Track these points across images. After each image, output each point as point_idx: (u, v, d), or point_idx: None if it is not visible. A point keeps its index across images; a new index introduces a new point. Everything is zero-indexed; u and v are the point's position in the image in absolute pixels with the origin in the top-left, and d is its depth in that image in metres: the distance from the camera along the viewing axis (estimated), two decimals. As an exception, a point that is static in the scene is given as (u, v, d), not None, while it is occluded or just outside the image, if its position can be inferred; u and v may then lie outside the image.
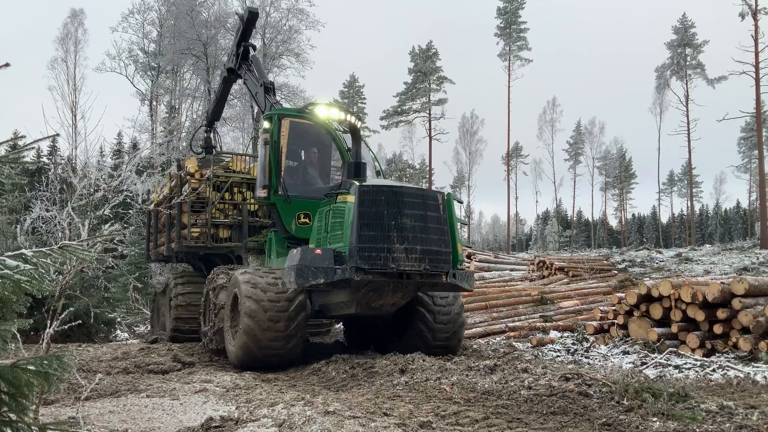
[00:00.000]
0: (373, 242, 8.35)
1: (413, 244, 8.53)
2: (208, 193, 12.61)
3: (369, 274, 8.29)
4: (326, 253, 8.41)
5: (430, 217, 8.81)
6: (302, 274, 8.28)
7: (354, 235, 8.31)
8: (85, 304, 12.25)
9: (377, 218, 8.45)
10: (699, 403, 5.39)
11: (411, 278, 8.60)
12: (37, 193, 16.44)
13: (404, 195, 8.73)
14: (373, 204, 8.50)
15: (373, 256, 8.30)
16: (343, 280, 8.28)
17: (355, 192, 8.51)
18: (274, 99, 12.12)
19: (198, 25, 38.95)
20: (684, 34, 61.34)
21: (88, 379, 7.02)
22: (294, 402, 5.88)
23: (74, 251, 3.47)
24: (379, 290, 8.75)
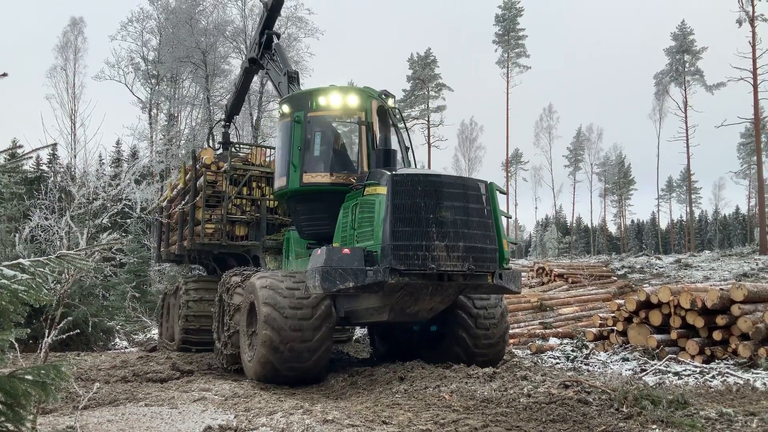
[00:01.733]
0: (410, 239, 7.40)
1: (455, 241, 7.53)
2: (225, 187, 11.81)
3: (405, 275, 7.36)
4: (355, 253, 7.48)
5: (473, 209, 7.81)
6: (328, 278, 7.34)
7: (387, 231, 7.40)
8: (84, 312, 12.24)
9: (413, 212, 7.49)
10: (698, 410, 5.38)
11: (453, 280, 7.64)
12: (36, 202, 16.47)
13: (443, 185, 7.71)
14: (408, 195, 7.55)
15: (409, 256, 7.35)
16: (376, 283, 7.34)
17: (387, 182, 7.60)
18: (298, 88, 11.24)
19: (197, 33, 39.01)
20: (683, 40, 61.50)
21: (87, 388, 7.01)
22: (293, 410, 5.86)
23: (72, 260, 3.48)
24: (416, 294, 7.79)
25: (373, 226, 7.65)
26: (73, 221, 9.78)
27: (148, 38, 43.65)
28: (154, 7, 43.28)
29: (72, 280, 7.18)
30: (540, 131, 75.95)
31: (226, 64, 41.49)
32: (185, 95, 43.72)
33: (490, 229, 7.92)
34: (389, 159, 8.60)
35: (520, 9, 64.76)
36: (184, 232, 12.62)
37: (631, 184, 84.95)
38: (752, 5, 41.33)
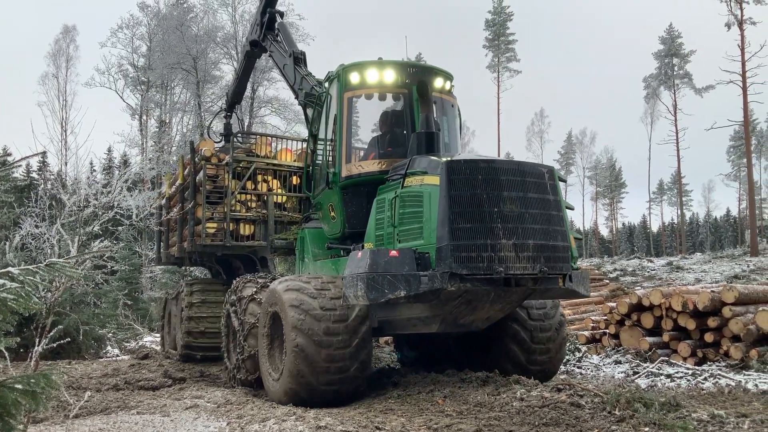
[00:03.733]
0: (472, 238, 6.19)
1: (523, 238, 6.36)
2: (227, 181, 10.77)
3: (467, 281, 6.17)
4: (405, 256, 6.29)
5: (541, 200, 6.62)
6: (375, 286, 6.17)
7: (445, 228, 6.19)
8: (75, 320, 12.17)
9: (474, 205, 6.28)
10: (690, 413, 5.39)
11: (520, 285, 6.48)
12: (26, 210, 16.39)
13: (507, 172, 6.52)
14: (467, 185, 6.33)
15: (472, 257, 6.16)
16: (431, 291, 6.18)
17: (441, 170, 6.38)
18: (306, 70, 10.24)
19: (188, 39, 38.96)
20: (671, 44, 61.86)
21: (78, 397, 6.97)
22: (285, 417, 5.84)
23: (62, 269, 3.46)
24: (475, 302, 6.74)
25: (422, 223, 6.49)
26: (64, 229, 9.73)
27: (138, 45, 43.68)
28: (144, 13, 43.31)
29: (63, 288, 7.14)
30: (532, 136, 76.29)
31: (217, 70, 41.47)
32: (176, 102, 43.71)
33: (561, 222, 6.72)
34: (432, 143, 7.39)
35: (510, 14, 65.01)
36: (183, 233, 11.75)
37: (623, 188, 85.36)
38: (741, 9, 41.67)
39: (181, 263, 13.67)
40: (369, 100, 8.44)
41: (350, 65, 8.14)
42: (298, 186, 11.15)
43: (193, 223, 11.14)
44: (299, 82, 9.94)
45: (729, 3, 42.17)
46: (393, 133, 8.28)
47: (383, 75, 8.02)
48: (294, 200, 11.29)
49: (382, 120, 8.38)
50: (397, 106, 8.43)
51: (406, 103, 8.15)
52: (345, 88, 8.05)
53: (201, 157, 11.18)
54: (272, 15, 11.53)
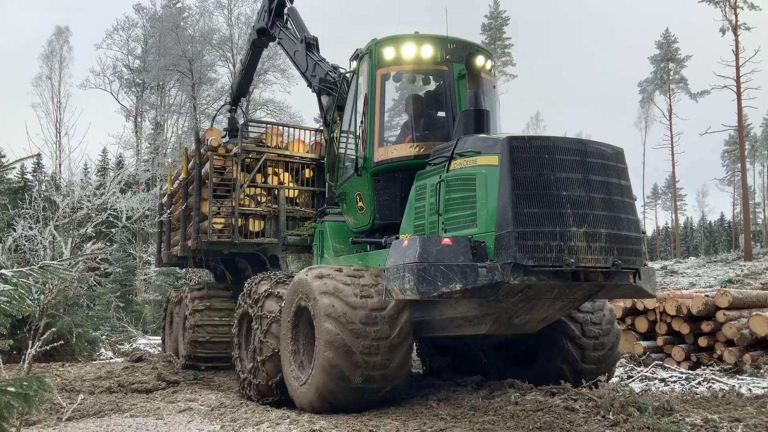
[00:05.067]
0: (539, 224, 5.48)
1: (595, 227, 5.63)
2: (236, 173, 10.00)
3: (532, 274, 5.47)
4: (460, 244, 5.58)
5: (613, 185, 5.89)
6: (427, 278, 5.46)
7: (507, 213, 5.47)
8: (68, 323, 12.11)
9: (541, 187, 5.58)
10: (684, 417, 5.41)
11: (589, 279, 5.74)
12: (20, 211, 16.35)
13: (577, 151, 5.83)
14: (533, 165, 5.63)
15: (539, 247, 5.44)
16: (490, 285, 5.46)
17: (503, 148, 5.67)
18: (319, 56, 9.66)
19: (183, 41, 38.99)
20: (667, 49, 62.08)
21: (71, 400, 6.94)
22: (279, 420, 5.83)
23: (55, 271, 3.45)
24: (535, 299, 6.00)
25: (475, 209, 5.79)
26: (58, 231, 9.70)
27: (133, 47, 43.64)
28: (139, 15, 43.29)
29: (56, 290, 7.11)
30: (526, 139, 76.26)
31: (213, 72, 41.53)
32: (171, 103, 43.68)
33: (632, 211, 6.01)
34: (481, 122, 6.61)
35: (506, 18, 65.12)
36: (187, 230, 11.04)
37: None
38: (735, 14, 41.85)
39: (183, 264, 12.94)
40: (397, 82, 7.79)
41: (384, 39, 7.42)
42: (311, 179, 10.75)
43: (198, 219, 10.41)
44: (312, 69, 9.46)
45: (724, 8, 42.38)
46: (429, 114, 7.64)
47: (421, 50, 7.29)
48: (306, 195, 10.65)
49: (415, 101, 7.63)
50: (430, 86, 7.79)
51: (446, 81, 7.41)
52: (378, 65, 7.34)
53: (207, 147, 10.46)
54: (281, 0, 10.91)
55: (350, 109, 7.79)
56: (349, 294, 6.05)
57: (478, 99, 6.71)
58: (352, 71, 7.86)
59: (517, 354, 7.78)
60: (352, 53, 7.94)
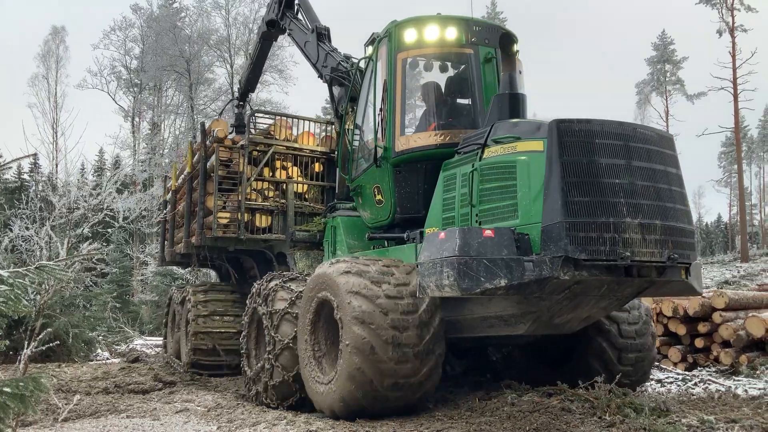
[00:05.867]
0: (592, 215, 5.06)
1: (650, 218, 5.24)
2: (242, 166, 9.58)
3: (583, 268, 5.04)
4: (503, 236, 5.14)
5: (666, 173, 5.48)
6: (469, 273, 5.03)
7: (556, 202, 5.05)
8: (65, 323, 12.09)
9: (592, 174, 5.16)
10: (680, 418, 5.42)
11: (642, 275, 5.32)
12: (16, 211, 16.32)
13: (629, 136, 5.40)
14: (583, 150, 5.20)
15: (592, 239, 5.02)
16: (538, 280, 5.05)
17: (550, 132, 5.24)
18: (330, 46, 9.41)
19: (180, 41, 38.99)
20: (663, 50, 62.19)
21: (67, 400, 6.93)
22: (276, 421, 5.83)
23: (51, 271, 3.45)
24: (582, 295, 5.59)
25: (516, 199, 5.40)
26: (54, 231, 9.68)
27: (130, 47, 43.62)
28: (137, 15, 43.28)
29: (52, 290, 7.09)
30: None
31: (210, 73, 41.50)
32: (169, 104, 43.65)
33: (685, 201, 5.63)
34: (517, 107, 6.16)
35: (503, 20, 65.23)
36: (191, 227, 10.63)
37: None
38: (732, 16, 41.96)
39: (187, 262, 12.50)
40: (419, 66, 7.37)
41: (404, 21, 7.02)
42: (321, 174, 10.40)
43: (203, 214, 10.02)
44: (323, 59, 9.22)
45: (720, 10, 42.48)
46: (453, 101, 7.26)
47: (445, 32, 6.84)
48: (316, 190, 10.23)
49: (438, 87, 7.24)
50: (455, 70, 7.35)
51: (471, 65, 7.00)
52: (398, 48, 6.93)
53: (213, 138, 10.01)
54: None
55: (366, 97, 7.43)
56: (379, 295, 5.60)
57: (513, 82, 6.27)
58: (368, 57, 7.48)
59: (545, 356, 7.34)
60: (368, 38, 7.57)
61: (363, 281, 5.69)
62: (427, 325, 5.67)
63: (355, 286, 5.66)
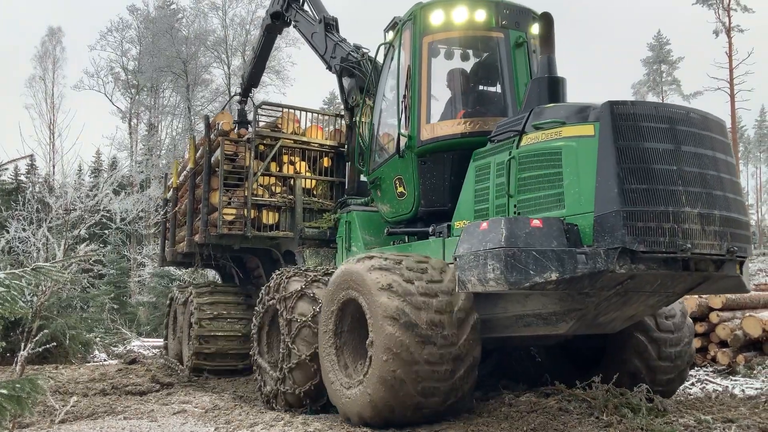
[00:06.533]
0: (651, 203, 4.71)
1: (709, 208, 4.90)
2: (248, 160, 9.27)
3: (640, 261, 4.68)
4: (552, 226, 4.80)
5: (722, 162, 5.16)
6: (517, 265, 4.67)
7: (612, 190, 4.69)
8: (62, 325, 12.08)
9: (648, 161, 4.81)
10: (677, 418, 5.43)
11: (699, 269, 4.97)
12: (13, 213, 16.29)
13: (687, 121, 5.06)
14: (639, 136, 4.86)
15: (651, 229, 4.66)
16: (592, 274, 4.69)
17: (602, 116, 4.90)
18: (339, 36, 9.20)
19: (178, 42, 38.97)
20: (659, 51, 62.31)
21: (64, 402, 6.92)
22: (273, 422, 5.83)
23: (48, 273, 3.44)
24: (634, 291, 5.21)
25: (562, 187, 5.03)
26: (51, 232, 9.66)
27: (127, 48, 43.59)
28: (134, 16, 43.25)
29: (49, 292, 7.08)
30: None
31: (208, 74, 41.49)
32: (166, 105, 43.63)
33: (740, 192, 5.31)
34: (557, 91, 5.78)
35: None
36: (194, 224, 10.25)
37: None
38: (728, 16, 42.07)
39: (189, 262, 12.10)
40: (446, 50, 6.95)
41: (431, 3, 6.69)
42: (329, 169, 10.05)
43: (207, 211, 9.63)
44: (331, 50, 9.01)
45: (717, 11, 42.59)
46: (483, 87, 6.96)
47: (474, 14, 6.50)
48: (324, 185, 9.88)
49: (466, 72, 6.92)
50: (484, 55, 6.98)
51: (501, 49, 6.64)
52: (424, 32, 6.60)
53: (218, 132, 9.69)
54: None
55: (386, 84, 7.15)
56: (412, 292, 5.21)
57: (552, 65, 5.86)
58: (388, 43, 7.18)
59: (577, 356, 6.97)
60: (388, 23, 7.24)
61: (393, 277, 5.31)
62: (464, 324, 5.29)
63: (385, 283, 5.26)
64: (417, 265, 5.50)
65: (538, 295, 5.22)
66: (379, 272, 5.36)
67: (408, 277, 5.32)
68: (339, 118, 10.14)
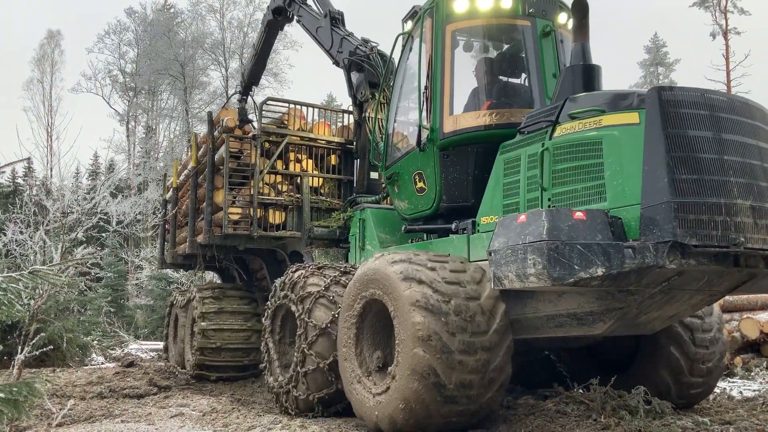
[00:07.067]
0: (703, 194, 4.43)
1: (761, 201, 4.64)
2: (254, 158, 8.98)
3: (691, 256, 4.36)
4: (596, 219, 4.50)
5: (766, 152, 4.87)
6: (560, 260, 4.33)
7: (662, 179, 4.40)
8: (59, 328, 12.04)
9: (698, 150, 4.54)
10: (675, 420, 5.43)
11: (750, 265, 4.65)
12: (11, 216, 16.27)
13: (737, 110, 4.80)
14: (689, 123, 4.58)
15: (703, 222, 4.38)
16: (640, 270, 4.35)
17: (650, 103, 4.62)
18: (346, 31, 9.03)
19: (175, 45, 38.99)
20: (656, 53, 62.44)
21: (61, 405, 6.90)
22: (271, 425, 5.82)
23: (45, 276, 3.44)
24: (679, 289, 4.91)
25: (605, 178, 4.75)
26: (48, 235, 9.63)
27: (125, 50, 43.58)
28: (131, 19, 43.23)
29: (46, 295, 7.06)
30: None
31: (205, 76, 41.50)
32: (163, 107, 43.61)
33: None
34: (592, 79, 5.53)
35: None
36: (197, 224, 9.99)
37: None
38: (725, 19, 42.15)
39: (190, 264, 11.73)
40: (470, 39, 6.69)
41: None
42: (337, 167, 9.71)
43: (211, 211, 9.32)
44: (338, 45, 8.84)
45: (714, 13, 42.70)
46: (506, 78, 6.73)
47: (500, 1, 6.30)
48: (331, 184, 9.59)
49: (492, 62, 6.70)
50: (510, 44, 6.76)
51: (528, 38, 6.41)
52: (447, 20, 6.37)
53: (222, 128, 9.40)
54: None
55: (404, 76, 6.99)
56: (437, 278, 5.03)
57: (586, 53, 5.60)
58: (407, 33, 6.99)
59: (605, 361, 6.72)
60: (407, 12, 7.06)
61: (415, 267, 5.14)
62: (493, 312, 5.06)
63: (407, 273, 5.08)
64: (436, 258, 5.36)
65: (574, 293, 4.96)
66: (400, 265, 5.18)
67: (429, 266, 5.14)
68: (347, 114, 9.90)
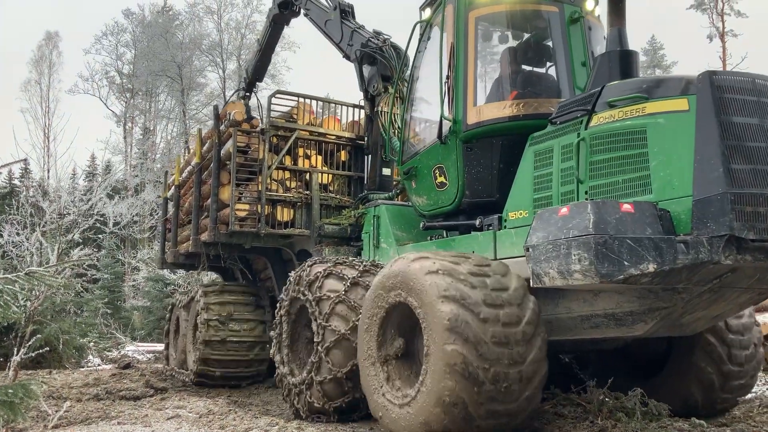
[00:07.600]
0: (757, 185, 4.14)
1: None
2: (263, 153, 8.69)
3: (746, 251, 4.09)
4: (645, 211, 4.21)
5: None
6: (609, 255, 4.04)
7: (716, 169, 4.11)
8: (55, 330, 12.02)
9: (755, 138, 4.26)
10: (672, 422, 5.43)
11: None
12: (7, 217, 16.25)
13: None
14: (743, 110, 4.29)
15: (761, 215, 4.10)
16: (693, 266, 4.11)
17: (701, 88, 4.32)
18: (356, 23, 8.83)
19: (172, 46, 38.98)
20: (653, 56, 62.58)
21: (57, 407, 6.89)
22: (268, 428, 5.81)
23: (41, 277, 3.43)
24: (729, 287, 4.60)
25: (650, 169, 4.44)
26: (45, 237, 9.61)
27: (122, 52, 43.61)
28: (129, 20, 43.23)
29: (42, 297, 7.05)
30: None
31: (203, 78, 41.50)
32: (161, 109, 43.60)
33: None
34: (629, 66, 5.19)
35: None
36: (201, 222, 9.61)
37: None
38: (722, 21, 42.31)
39: (192, 264, 11.19)
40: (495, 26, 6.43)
41: None
42: (347, 163, 9.44)
43: (216, 208, 8.94)
44: (348, 38, 8.67)
45: (711, 15, 42.85)
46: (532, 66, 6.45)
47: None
48: (341, 180, 9.30)
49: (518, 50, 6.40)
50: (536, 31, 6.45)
51: (556, 25, 6.11)
52: (470, 6, 6.05)
53: (229, 122, 9.07)
54: None
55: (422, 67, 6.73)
56: (478, 302, 4.54)
57: (623, 38, 5.26)
58: (425, 21, 6.66)
59: (639, 362, 6.44)
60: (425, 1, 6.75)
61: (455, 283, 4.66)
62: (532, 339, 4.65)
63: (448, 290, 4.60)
64: (478, 269, 4.85)
65: (613, 292, 4.66)
66: (438, 276, 4.69)
67: (470, 282, 4.68)
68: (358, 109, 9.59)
